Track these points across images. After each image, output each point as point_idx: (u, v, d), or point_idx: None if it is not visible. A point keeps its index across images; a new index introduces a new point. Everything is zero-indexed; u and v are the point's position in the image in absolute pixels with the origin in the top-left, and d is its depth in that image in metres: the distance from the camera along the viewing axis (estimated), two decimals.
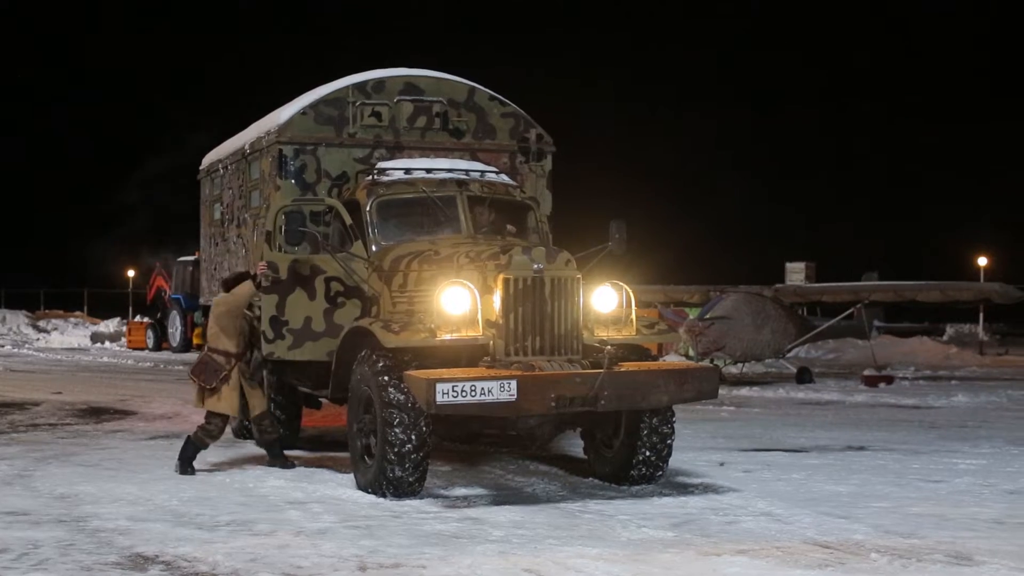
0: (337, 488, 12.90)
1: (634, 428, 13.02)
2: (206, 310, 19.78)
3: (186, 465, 14.05)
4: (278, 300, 14.04)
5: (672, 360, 27.63)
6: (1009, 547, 10.02)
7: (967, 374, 36.21)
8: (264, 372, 15.56)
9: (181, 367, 35.66)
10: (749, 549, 9.85)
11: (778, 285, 34.15)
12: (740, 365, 32.62)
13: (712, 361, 29.69)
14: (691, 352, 30.53)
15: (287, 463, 14.44)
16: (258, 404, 14.58)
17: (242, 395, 14.52)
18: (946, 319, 64.52)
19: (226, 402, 14.09)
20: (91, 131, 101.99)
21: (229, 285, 14.49)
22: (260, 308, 14.29)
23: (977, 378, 34.27)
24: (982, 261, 58.81)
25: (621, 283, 13.11)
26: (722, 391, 26.64)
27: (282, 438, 15.06)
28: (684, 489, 12.99)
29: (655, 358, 13.60)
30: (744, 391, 28.34)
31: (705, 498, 12.43)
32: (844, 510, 11.76)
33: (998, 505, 12.17)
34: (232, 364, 14.15)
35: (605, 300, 12.94)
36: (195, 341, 46.05)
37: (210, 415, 14.12)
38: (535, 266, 12.36)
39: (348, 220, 14.33)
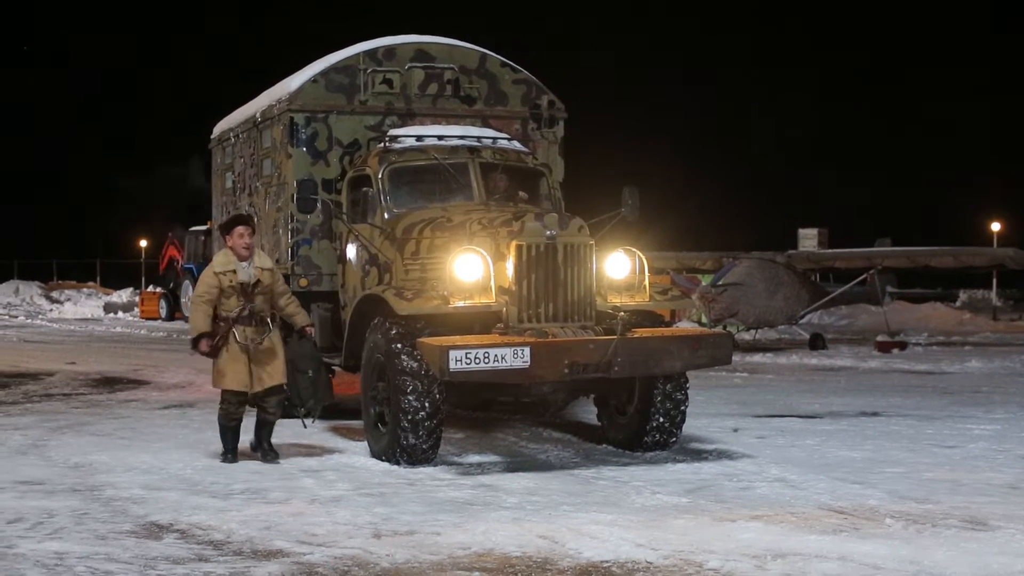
0: (351, 456, 12.90)
1: (648, 394, 13.00)
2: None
3: (225, 452, 12.78)
4: None
5: (685, 327, 27.56)
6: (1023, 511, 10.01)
7: (981, 340, 36.16)
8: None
9: None
10: (763, 515, 9.83)
11: (791, 251, 34.08)
12: (753, 331, 32.59)
13: (725, 327, 29.64)
14: (704, 319, 30.51)
15: (271, 454, 12.77)
16: (270, 374, 12.65)
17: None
18: (959, 285, 64.39)
19: (230, 376, 12.54)
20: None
21: (224, 230, 12.95)
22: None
23: (991, 344, 34.21)
24: (996, 227, 58.67)
25: (634, 249, 13.08)
26: (735, 357, 26.62)
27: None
28: (698, 455, 12.98)
29: (668, 324, 13.57)
30: (757, 357, 28.32)
31: (719, 464, 12.42)
32: (858, 476, 11.73)
33: (1012, 470, 12.14)
34: (226, 327, 12.46)
35: (618, 266, 12.91)
36: None
37: (224, 393, 12.79)
38: (548, 232, 12.31)
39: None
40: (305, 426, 13.20)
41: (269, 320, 12.66)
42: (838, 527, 9.45)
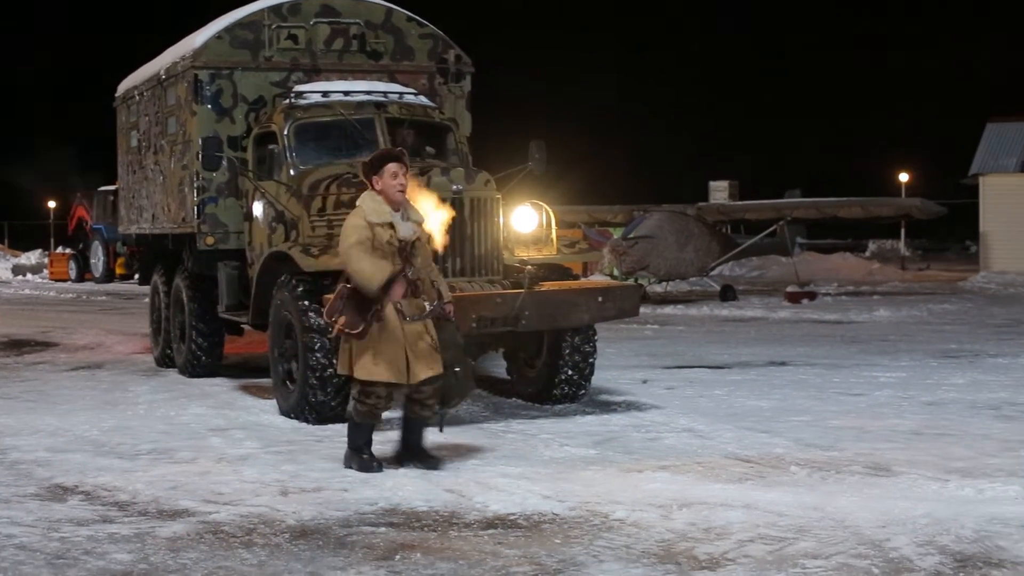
0: (260, 414, 12.85)
1: (556, 348, 13.04)
2: (128, 239, 19.66)
3: (358, 455, 9.97)
4: None
5: (596, 279, 27.63)
6: (926, 457, 10.14)
7: (889, 289, 36.57)
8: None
9: (104, 297, 35.49)
10: (670, 465, 9.90)
11: (701, 204, 34.31)
12: (664, 284, 32.77)
13: (636, 280, 29.77)
14: (615, 272, 30.62)
15: (432, 458, 10.07)
16: (428, 362, 9.84)
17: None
18: (869, 235, 65.12)
19: (386, 365, 9.67)
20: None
21: (371, 170, 10.06)
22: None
23: (899, 293, 34.62)
24: (903, 177, 59.25)
25: (541, 203, 13.10)
26: (646, 310, 26.85)
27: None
28: (607, 407, 13.04)
29: (576, 278, 13.60)
30: (668, 309, 28.49)
31: (628, 416, 12.48)
32: (765, 425, 11.84)
33: (916, 416, 12.30)
34: (386, 299, 9.64)
35: (525, 220, 12.93)
36: (118, 271, 45.74)
37: (364, 385, 9.81)
38: (454, 187, 12.28)
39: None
40: (441, 430, 10.27)
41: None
42: (744, 476, 9.54)
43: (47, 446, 11.20)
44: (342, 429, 11.70)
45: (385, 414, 10.16)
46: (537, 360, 13.34)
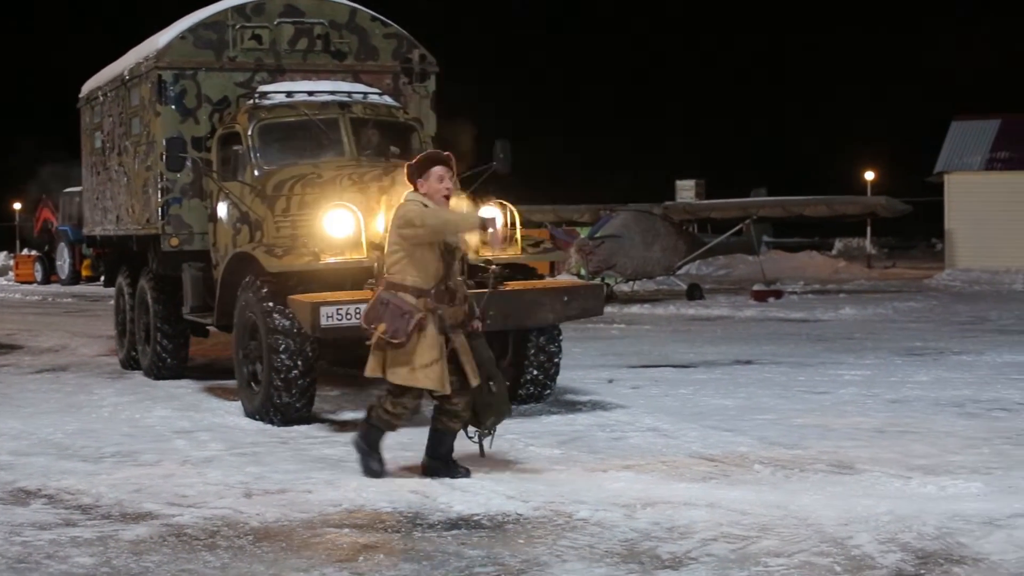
0: (224, 416, 12.83)
1: (521, 348, 13.06)
2: (92, 241, 19.58)
3: (369, 458, 9.69)
4: None
5: (563, 279, 27.66)
6: (889, 455, 10.18)
7: (855, 287, 36.71)
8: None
9: (70, 299, 35.35)
10: (635, 464, 9.92)
11: (667, 203, 34.36)
12: (631, 283, 32.81)
13: (603, 280, 29.81)
14: (582, 271, 30.65)
15: (461, 469, 9.63)
16: (471, 373, 9.45)
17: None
18: (835, 234, 65.35)
19: (426, 372, 9.26)
20: None
21: (416, 173, 9.55)
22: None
23: (865, 291, 34.76)
24: (869, 175, 59.45)
25: (505, 203, 13.08)
26: (613, 309, 26.92)
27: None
28: (572, 407, 13.05)
29: (542, 277, 13.61)
30: (635, 309, 28.53)
31: (593, 415, 12.50)
32: (730, 423, 11.87)
33: (880, 414, 12.35)
34: (424, 304, 9.30)
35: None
36: (84, 273, 45.53)
37: (398, 390, 9.44)
38: None
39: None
40: (483, 454, 9.67)
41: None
42: (708, 474, 9.56)
43: (10, 449, 11.16)
44: (308, 430, 11.81)
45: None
46: (502, 360, 13.30)
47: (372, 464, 9.61)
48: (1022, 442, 10.78)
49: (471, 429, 9.61)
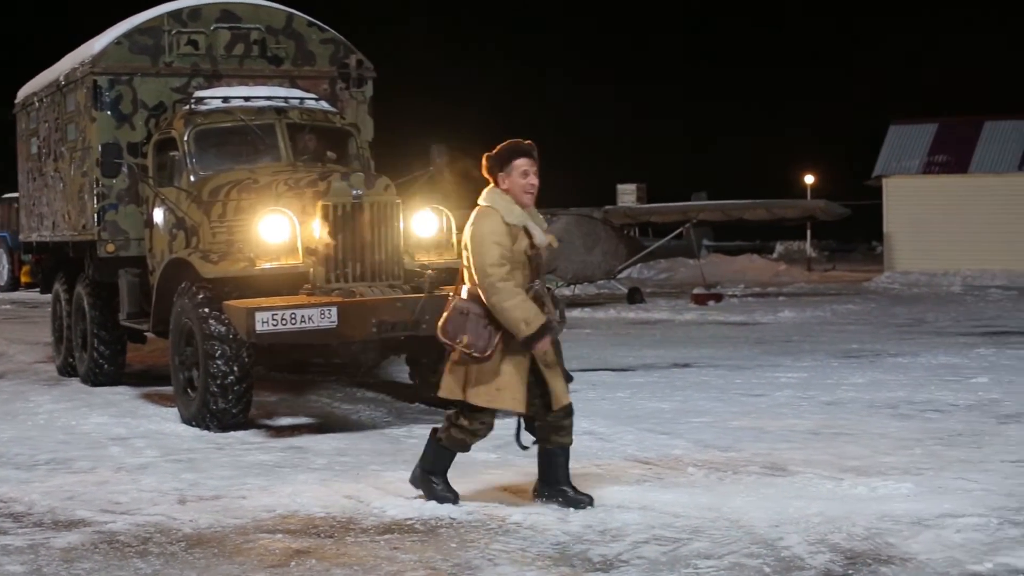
0: (161, 423, 12.77)
1: None
2: (29, 247, 19.47)
3: (430, 481, 8.88)
4: None
5: None
6: (823, 456, 10.26)
7: (795, 290, 36.94)
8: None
9: (8, 306, 35.04)
10: (570, 468, 9.91)
11: (608, 207, 34.45)
12: (572, 286, 32.86)
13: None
14: None
15: (584, 497, 8.66)
16: (563, 388, 8.77)
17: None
18: (776, 237, 65.72)
19: (510, 391, 8.47)
20: None
21: (497, 165, 8.59)
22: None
23: (804, 294, 34.98)
24: (809, 179, 59.83)
25: (442, 207, 13.13)
26: None
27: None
28: (510, 411, 13.02)
29: None
30: (576, 312, 28.54)
31: None
32: (666, 426, 11.92)
33: (815, 416, 12.44)
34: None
35: (426, 225, 12.96)
36: (23, 279, 45.17)
37: (474, 411, 8.66)
38: (354, 192, 12.31)
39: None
40: (526, 447, 8.86)
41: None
42: (642, 477, 9.61)
43: None
44: (244, 436, 11.78)
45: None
46: (439, 364, 13.32)
47: (445, 492, 8.76)
48: (954, 443, 10.88)
49: (529, 439, 8.82)
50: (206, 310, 12.14)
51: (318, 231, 12.27)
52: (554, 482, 8.70)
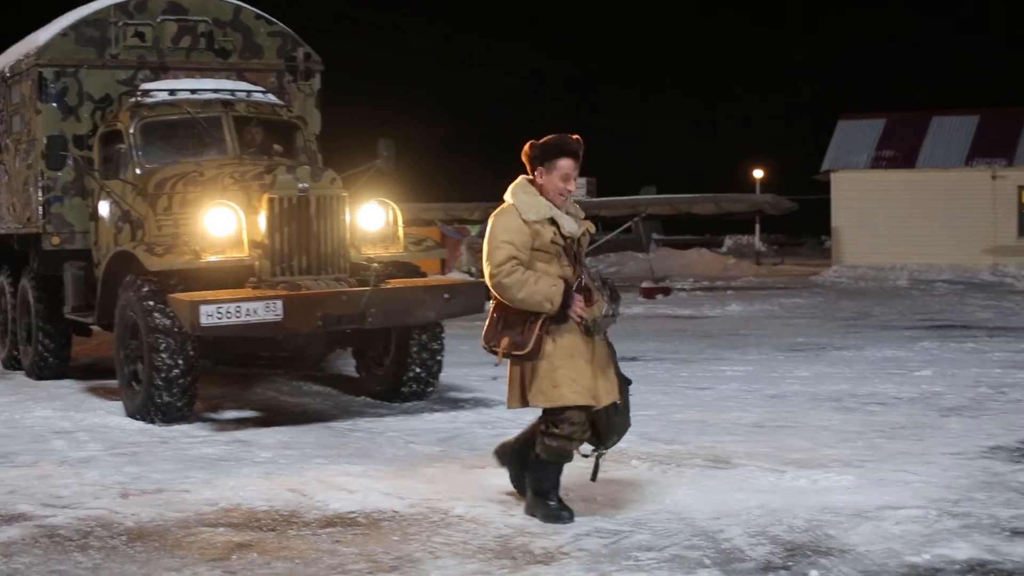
0: (105, 416, 12.71)
1: (404, 345, 13.09)
2: None
3: (544, 502, 8.08)
4: None
5: (455, 277, 27.70)
6: (766, 449, 10.31)
7: (743, 284, 37.08)
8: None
9: None
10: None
11: None
12: None
13: None
14: (472, 269, 30.72)
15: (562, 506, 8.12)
16: (611, 383, 8.08)
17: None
18: (725, 231, 65.95)
19: (569, 386, 7.80)
20: None
21: (540, 158, 8.07)
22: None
23: (752, 288, 35.11)
24: (758, 173, 60.06)
25: (388, 201, 13.14)
26: None
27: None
28: (455, 404, 13.10)
29: (424, 275, 13.65)
30: None
31: (475, 412, 12.55)
32: None
33: (759, 409, 12.50)
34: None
35: (372, 218, 12.96)
36: None
37: (556, 414, 7.93)
38: (300, 185, 12.30)
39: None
40: (594, 478, 8.26)
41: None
42: (585, 470, 9.54)
43: None
44: (189, 430, 11.76)
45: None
46: (385, 358, 13.37)
47: (560, 511, 8.04)
48: (895, 435, 10.96)
49: (587, 447, 8.17)
50: (151, 303, 12.10)
51: (264, 224, 12.25)
52: (543, 490, 8.15)
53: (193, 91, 14.66)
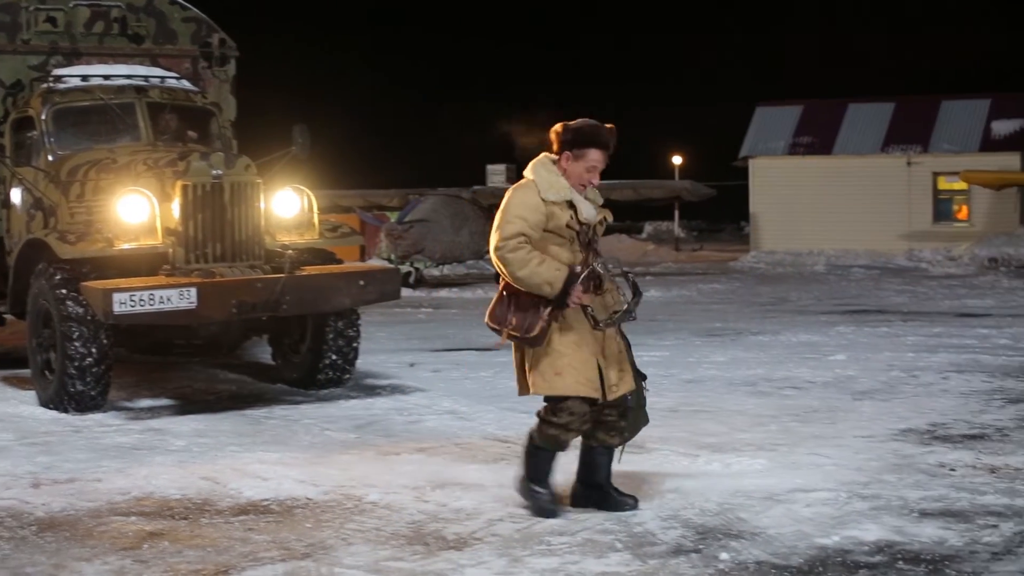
0: (18, 406, 12.58)
1: (320, 332, 13.05)
2: None
3: (532, 490, 7.94)
4: None
5: (374, 264, 27.66)
6: (680, 434, 10.37)
7: (662, 270, 37.28)
8: None
9: None
10: (429, 447, 9.99)
11: (476, 187, 34.54)
12: (441, 267, 32.89)
13: (413, 264, 29.88)
14: (392, 256, 30.66)
15: (628, 499, 8.00)
16: (624, 375, 7.94)
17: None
18: (645, 217, 66.21)
19: (572, 375, 7.63)
20: None
21: (570, 143, 7.78)
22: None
23: (671, 273, 35.32)
24: (677, 160, 60.32)
25: (303, 187, 13.08)
26: (421, 293, 27.05)
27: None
28: (371, 391, 13.08)
29: (339, 262, 13.60)
30: (443, 292, 28.62)
31: (392, 399, 12.54)
32: (527, 405, 11.77)
33: (675, 395, 12.55)
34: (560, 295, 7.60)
35: (286, 205, 12.90)
36: None
37: (556, 401, 7.73)
38: (214, 172, 12.23)
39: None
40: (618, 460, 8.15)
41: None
42: (500, 455, 9.67)
43: None
44: (102, 419, 11.67)
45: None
46: (301, 345, 13.33)
47: (545, 503, 7.89)
48: (809, 419, 11.07)
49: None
50: (63, 291, 11.99)
51: (178, 211, 12.17)
52: (594, 484, 8.02)
53: (106, 77, 14.50)
